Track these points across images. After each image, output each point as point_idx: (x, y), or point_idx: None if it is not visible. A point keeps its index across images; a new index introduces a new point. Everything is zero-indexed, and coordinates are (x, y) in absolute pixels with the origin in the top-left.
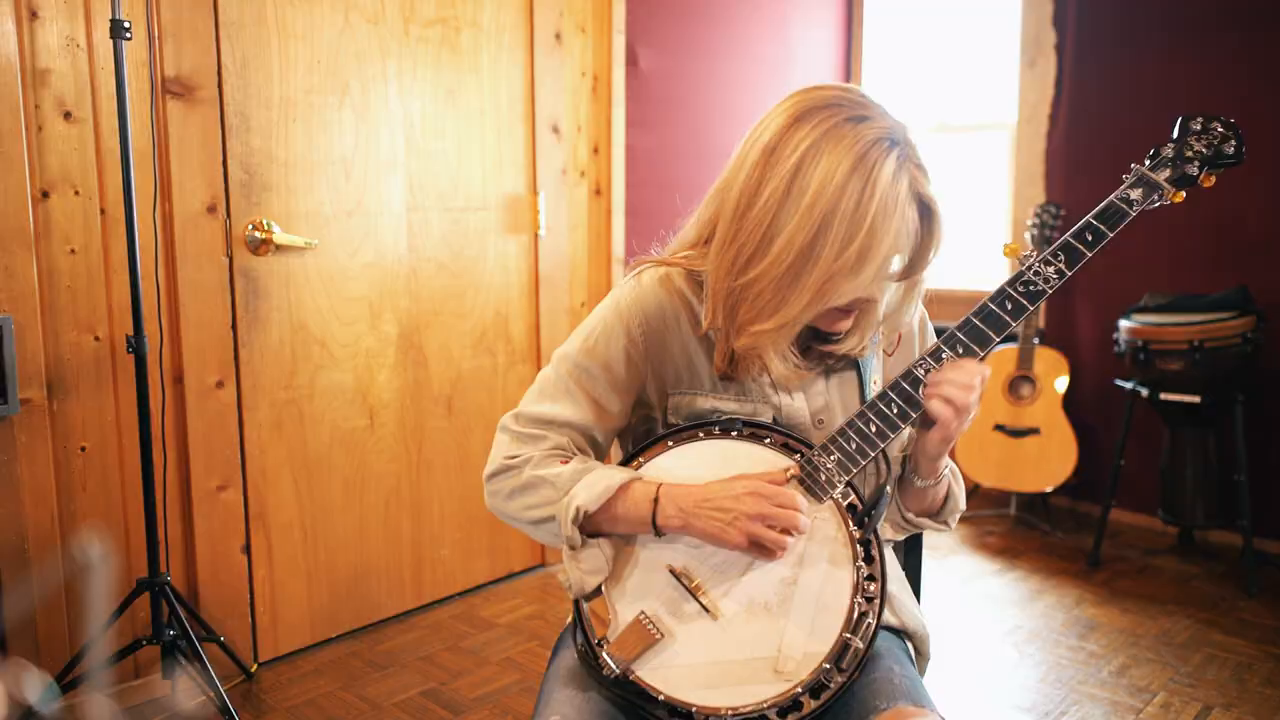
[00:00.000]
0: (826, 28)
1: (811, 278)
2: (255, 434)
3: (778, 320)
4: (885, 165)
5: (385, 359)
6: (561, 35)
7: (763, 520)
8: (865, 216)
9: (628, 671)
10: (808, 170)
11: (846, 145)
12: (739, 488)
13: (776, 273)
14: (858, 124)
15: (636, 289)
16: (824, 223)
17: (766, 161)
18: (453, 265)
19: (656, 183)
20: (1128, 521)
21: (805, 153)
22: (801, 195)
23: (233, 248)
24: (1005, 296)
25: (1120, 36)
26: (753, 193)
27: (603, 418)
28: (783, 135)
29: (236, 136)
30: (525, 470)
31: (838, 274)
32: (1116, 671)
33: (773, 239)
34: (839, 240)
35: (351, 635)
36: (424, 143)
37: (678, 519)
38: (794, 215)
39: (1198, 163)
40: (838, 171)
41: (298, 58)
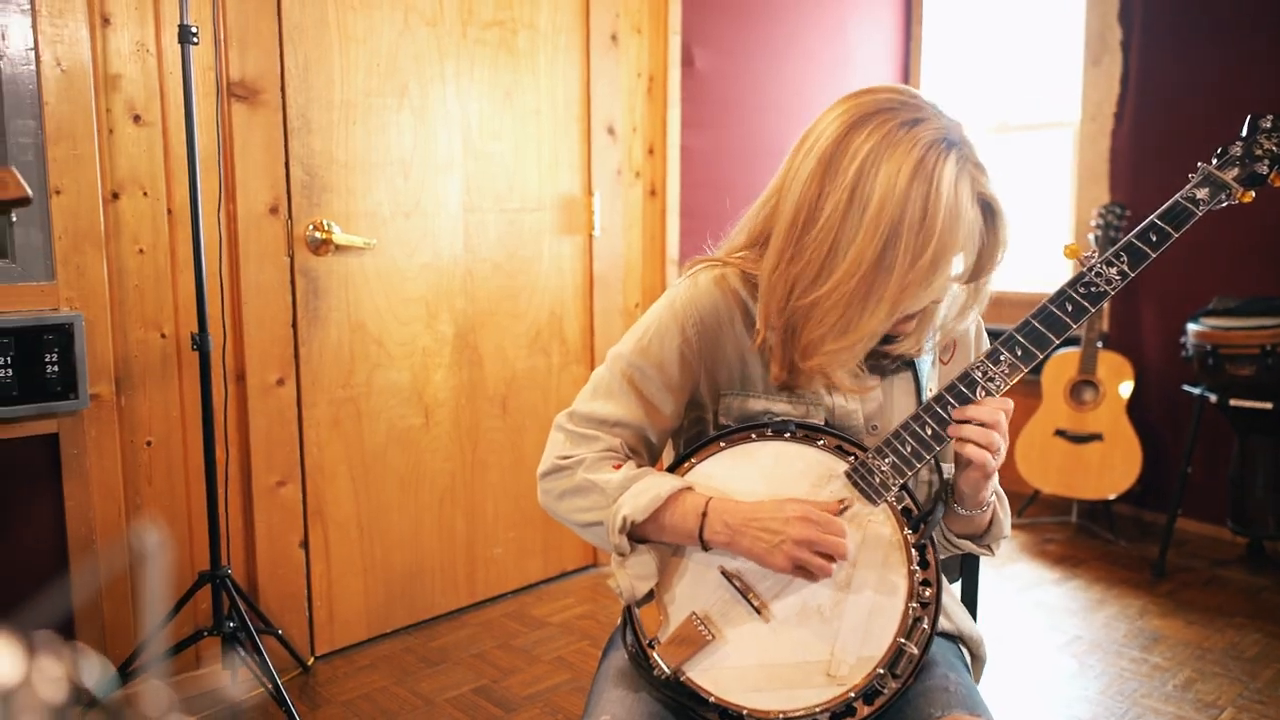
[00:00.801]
0: (885, 28)
1: (887, 291)
2: (314, 431)
3: (852, 338)
4: (946, 168)
5: (441, 358)
6: (617, 36)
7: (809, 546)
8: (934, 224)
9: (678, 673)
10: (868, 179)
11: (904, 150)
12: (789, 510)
13: (846, 289)
14: (913, 127)
15: (692, 288)
16: (892, 234)
17: (824, 172)
18: (508, 265)
19: (711, 183)
20: (1194, 531)
21: (864, 161)
22: (865, 207)
23: (294, 248)
24: (1066, 298)
25: (1188, 32)
26: (813, 206)
27: (656, 417)
28: (839, 143)
29: (298, 138)
30: (578, 472)
31: (912, 284)
32: (1182, 685)
33: (839, 255)
34: (910, 251)
35: (405, 631)
36: (481, 144)
37: (724, 535)
38: (859, 229)
39: (1267, 161)
40: (899, 179)
41: (358, 60)
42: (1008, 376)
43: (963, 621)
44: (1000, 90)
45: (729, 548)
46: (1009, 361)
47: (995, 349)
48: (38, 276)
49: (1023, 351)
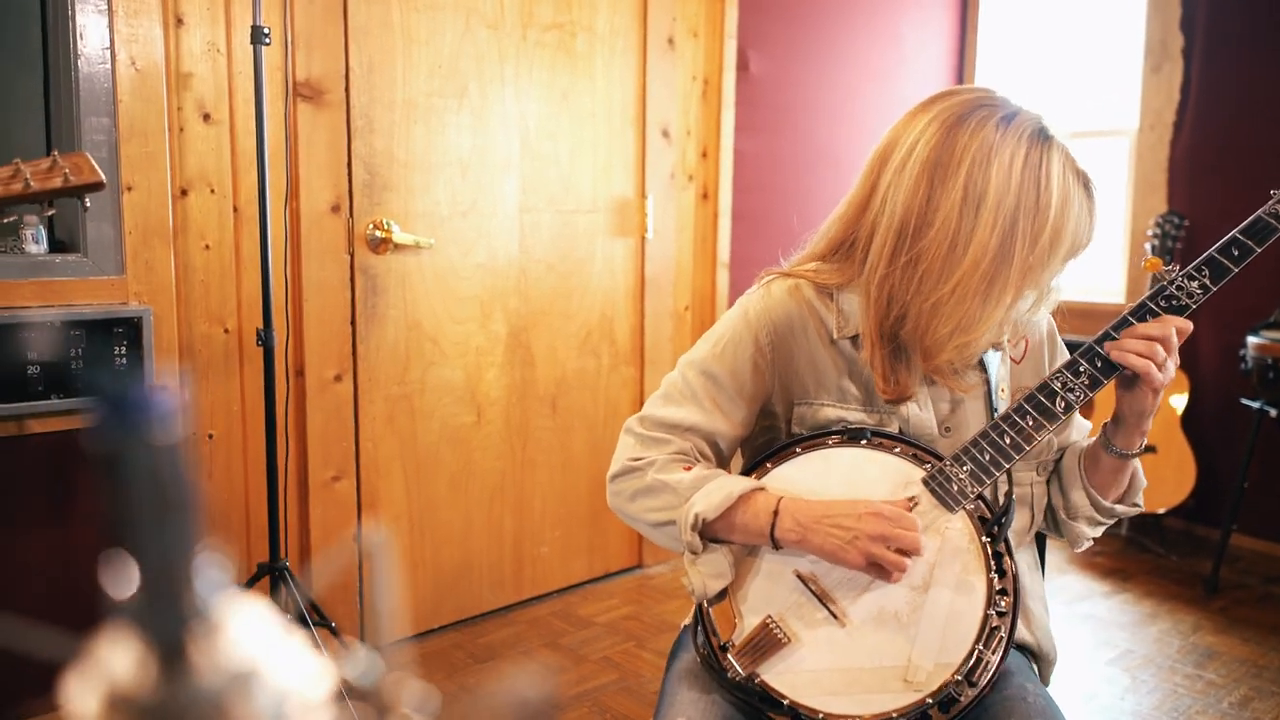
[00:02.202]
0: (940, 34)
1: (1010, 278)
2: (369, 427)
3: (980, 329)
4: (1052, 154)
5: (494, 357)
6: (674, 39)
7: (883, 541)
8: (1049, 205)
9: (753, 675)
10: (979, 174)
11: (1011, 143)
12: (861, 507)
13: (971, 283)
14: (1011, 121)
15: (766, 298)
16: (1010, 223)
17: (931, 175)
18: (561, 266)
19: (763, 188)
20: (1247, 546)
21: (974, 157)
22: (980, 201)
23: (354, 246)
24: (1146, 310)
25: (1252, 42)
26: (924, 208)
27: (727, 424)
28: (942, 146)
29: (361, 138)
30: (649, 473)
31: (1035, 266)
32: (1238, 703)
33: (964, 249)
34: (1029, 234)
35: (453, 627)
36: (537, 145)
37: (795, 533)
38: (977, 223)
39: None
40: (1012, 169)
41: (420, 61)
42: (1088, 388)
43: (1044, 637)
44: (1057, 96)
45: (800, 546)
46: (1088, 373)
47: (1075, 360)
48: (108, 270)
49: (1103, 363)
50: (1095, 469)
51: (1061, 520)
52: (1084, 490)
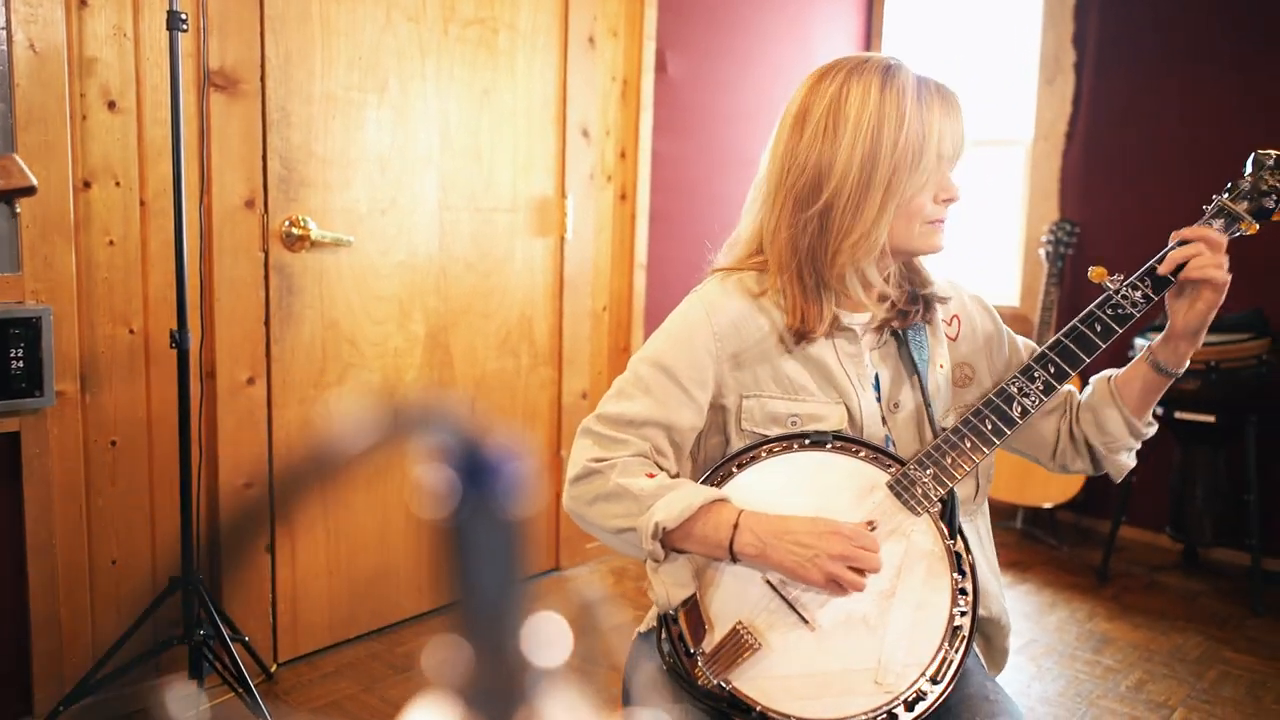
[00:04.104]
0: (847, 42)
1: (880, 176)
2: (284, 432)
3: (864, 224)
4: (908, 75)
5: (413, 359)
6: (594, 39)
7: (843, 560)
8: (906, 110)
9: (724, 682)
10: (843, 99)
11: (870, 73)
12: (822, 525)
13: (849, 185)
14: (866, 62)
15: (714, 293)
16: (874, 134)
17: (802, 121)
18: (481, 265)
19: (680, 189)
20: (1132, 537)
21: (835, 94)
22: (845, 123)
23: (269, 243)
24: (1094, 319)
25: (1140, 58)
26: (795, 146)
27: (683, 416)
28: (807, 97)
29: (277, 131)
30: (611, 477)
31: (900, 166)
32: (1134, 687)
33: (834, 162)
34: (892, 139)
35: (370, 636)
36: (458, 142)
37: (754, 548)
38: (845, 139)
39: (1274, 196)
40: (870, 94)
41: (339, 54)
42: (1043, 393)
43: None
44: None
45: (759, 560)
46: (1043, 379)
47: (1030, 366)
48: (3, 267)
49: (1055, 369)
50: (1133, 393)
51: (1102, 456)
52: (1123, 419)
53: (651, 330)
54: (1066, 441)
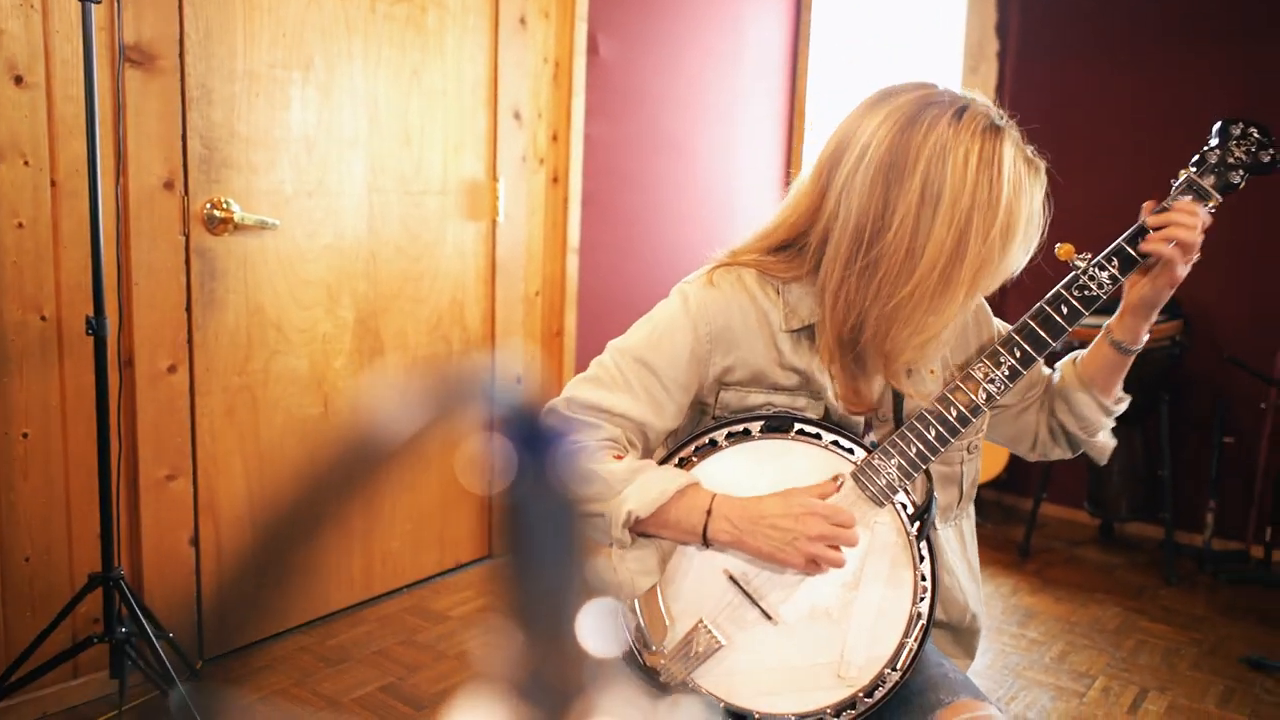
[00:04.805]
0: (776, 26)
1: (965, 273)
2: (207, 421)
3: (944, 322)
4: (1004, 146)
5: (342, 345)
6: (526, 19)
7: (823, 540)
8: (1000, 198)
9: (688, 680)
10: (935, 174)
11: (965, 139)
12: (797, 507)
13: (931, 280)
14: (961, 116)
15: (707, 288)
16: (967, 218)
17: (887, 177)
18: (411, 249)
19: (612, 173)
20: (1053, 514)
21: (929, 157)
22: (939, 200)
23: (190, 226)
24: (1062, 300)
25: (1059, 46)
26: (880, 211)
27: (658, 417)
28: (897, 146)
29: (197, 109)
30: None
31: (989, 260)
32: (1057, 658)
33: (921, 250)
34: (983, 229)
35: (300, 629)
36: (387, 123)
37: (729, 534)
38: (937, 221)
39: (1240, 169)
40: (967, 166)
41: (262, 30)
42: (1008, 379)
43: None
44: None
45: (736, 546)
46: (1008, 364)
47: (996, 350)
48: None
49: (1021, 353)
50: (1097, 373)
51: (1082, 440)
52: (1093, 400)
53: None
54: (1046, 433)
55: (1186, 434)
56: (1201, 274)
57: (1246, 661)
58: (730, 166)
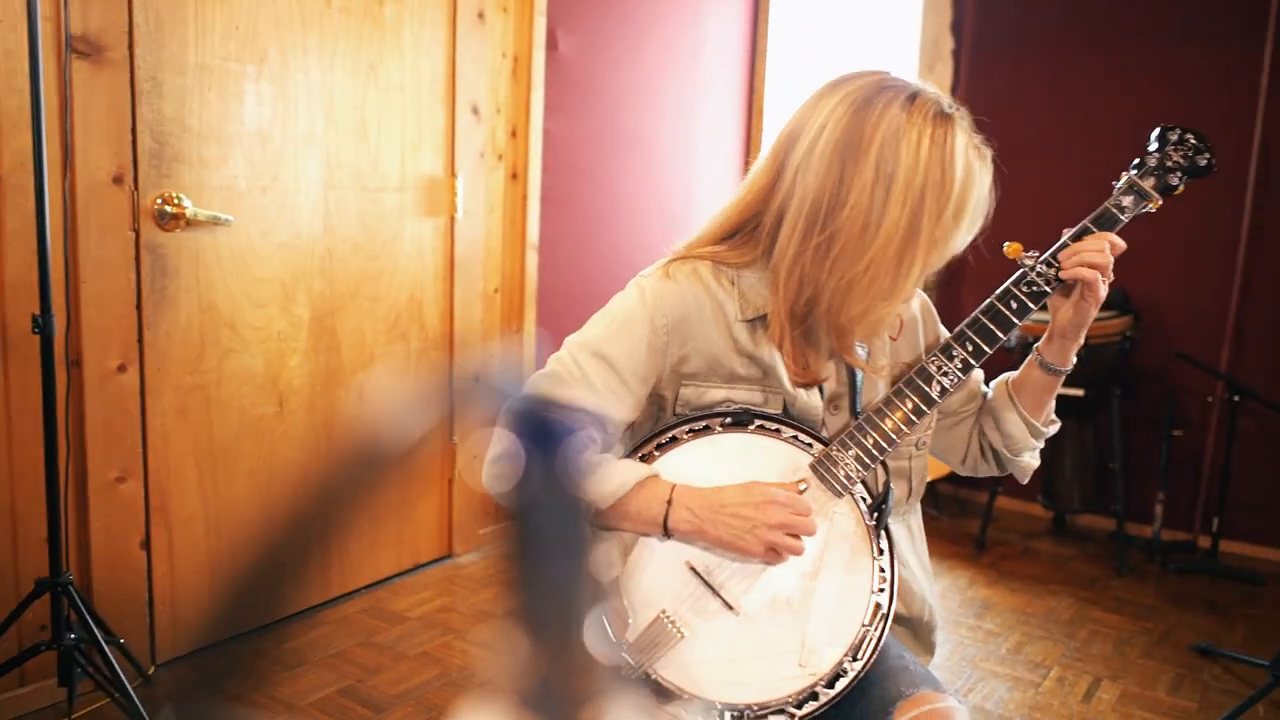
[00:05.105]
0: (735, 21)
1: (919, 251)
2: (158, 421)
3: (892, 302)
4: (955, 131)
5: (297, 343)
6: (484, 14)
7: (782, 528)
8: (954, 181)
9: (650, 672)
10: (890, 154)
11: (918, 122)
12: (757, 495)
13: (889, 254)
14: (914, 101)
15: (663, 281)
16: (920, 197)
17: (843, 156)
18: (368, 246)
19: (572, 169)
20: (1007, 507)
21: (884, 137)
22: (893, 179)
23: (140, 222)
24: (1011, 296)
25: (1012, 45)
26: (836, 189)
27: (618, 409)
28: (852, 126)
29: (147, 102)
30: None
31: (940, 239)
32: (1013, 649)
33: (876, 227)
34: (935, 210)
35: (254, 634)
36: (343, 118)
37: (690, 523)
38: (888, 200)
39: (1179, 173)
40: (920, 149)
41: (214, 22)
42: (961, 371)
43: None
44: None
45: (696, 536)
46: (960, 357)
47: (948, 344)
48: None
49: (973, 347)
50: (1027, 394)
51: (1006, 458)
52: (1021, 418)
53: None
54: (976, 447)
55: (1137, 428)
56: (1150, 270)
57: (1195, 649)
58: (689, 162)
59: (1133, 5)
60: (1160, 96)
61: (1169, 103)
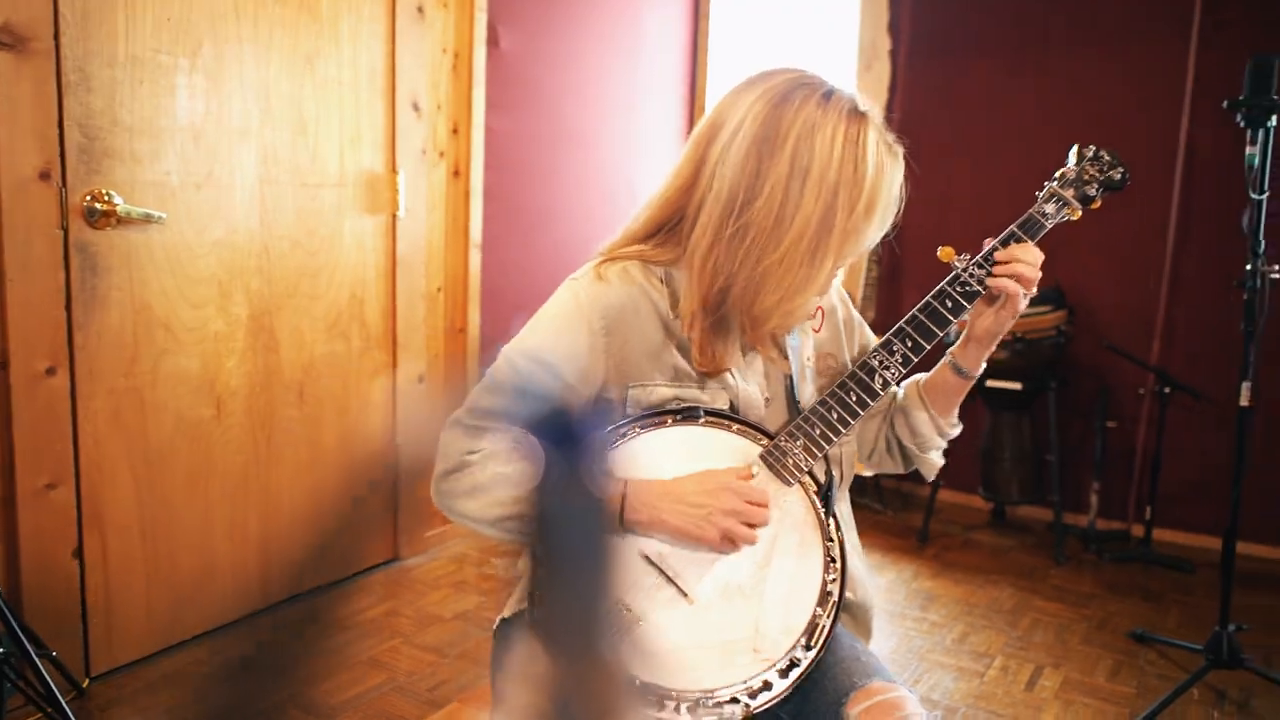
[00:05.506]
0: (676, 19)
1: (832, 243)
2: (90, 426)
3: (806, 295)
4: (868, 129)
5: (234, 344)
6: (424, 9)
7: (736, 515)
8: (865, 176)
9: None
10: (805, 148)
11: (833, 118)
12: (711, 483)
13: (802, 246)
14: (829, 98)
15: (596, 282)
16: (833, 191)
17: (760, 149)
18: (307, 243)
19: (515, 166)
20: (949, 499)
21: (799, 132)
22: (808, 173)
23: (69, 219)
24: (946, 295)
25: (948, 46)
26: (752, 181)
27: None
28: (769, 121)
29: (75, 96)
30: (488, 467)
31: (852, 233)
32: (958, 639)
33: (790, 219)
34: (848, 203)
35: (195, 642)
36: (280, 113)
37: (645, 513)
38: (803, 194)
39: (1095, 185)
40: (834, 145)
41: (145, 13)
42: (902, 365)
43: (860, 586)
44: None
45: (651, 527)
46: (901, 352)
47: (889, 340)
48: None
49: (912, 343)
50: (938, 395)
51: (914, 455)
52: (929, 418)
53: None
54: (883, 444)
55: (1072, 420)
56: (1084, 267)
57: (1132, 635)
58: (632, 159)
59: (1063, 12)
60: (1091, 101)
61: (1099, 107)
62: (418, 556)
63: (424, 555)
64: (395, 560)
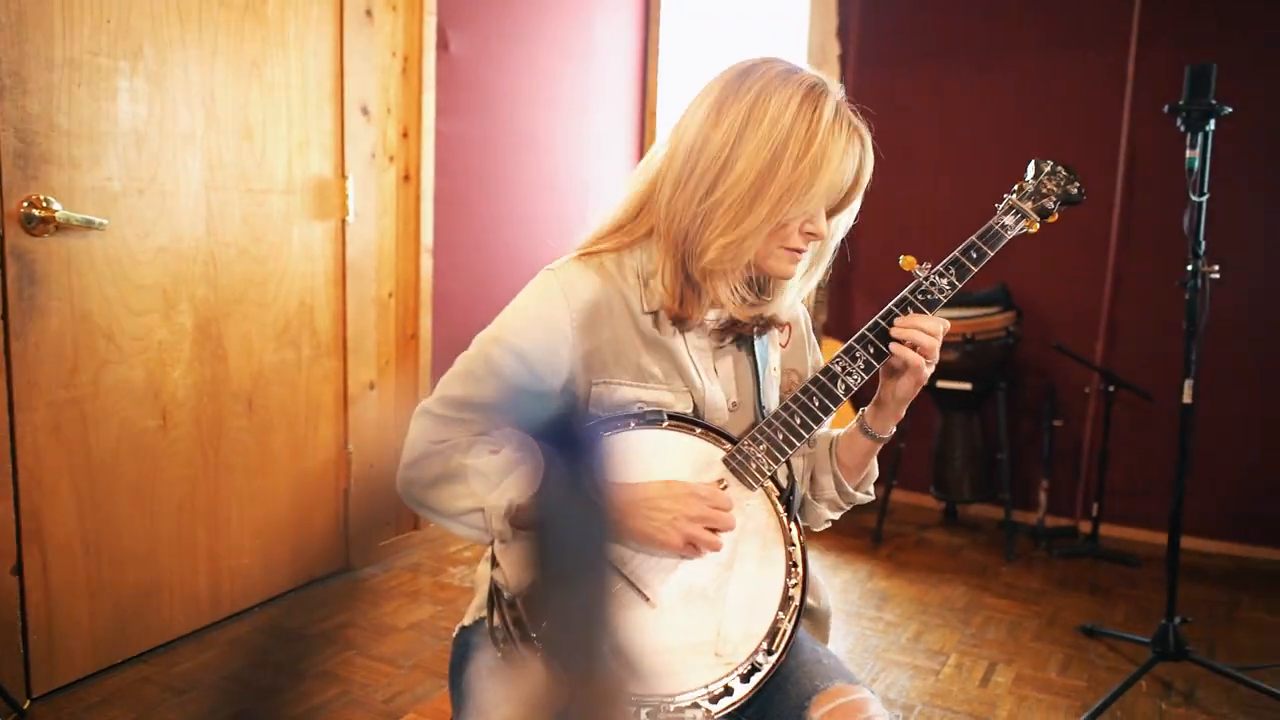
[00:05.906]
0: (627, 22)
1: (770, 191)
2: (29, 439)
3: (740, 232)
4: (828, 101)
5: (180, 353)
6: (372, 12)
7: (701, 521)
8: (815, 137)
9: None
10: (762, 104)
11: (794, 85)
12: (677, 489)
13: (741, 189)
14: (794, 72)
15: (570, 275)
16: (781, 143)
17: (719, 110)
18: (255, 250)
19: (466, 171)
20: (901, 500)
21: (759, 93)
22: (759, 122)
23: (5, 226)
24: (907, 303)
25: (895, 52)
26: (710, 131)
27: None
28: (730, 86)
29: (10, 99)
30: (454, 456)
31: (793, 187)
32: (913, 638)
33: (735, 161)
34: (794, 157)
35: (142, 658)
36: (225, 117)
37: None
38: (753, 140)
39: (1052, 198)
40: (790, 103)
41: (84, 15)
42: (864, 371)
43: (820, 597)
44: None
45: (616, 530)
46: (863, 358)
47: (851, 346)
48: None
49: (875, 350)
50: (846, 453)
51: (807, 501)
52: (832, 474)
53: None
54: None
55: (1021, 419)
56: (1030, 269)
57: (1081, 630)
58: (584, 162)
59: (1005, 16)
60: (1035, 106)
61: (1044, 111)
62: (371, 566)
63: (377, 565)
64: (348, 570)
